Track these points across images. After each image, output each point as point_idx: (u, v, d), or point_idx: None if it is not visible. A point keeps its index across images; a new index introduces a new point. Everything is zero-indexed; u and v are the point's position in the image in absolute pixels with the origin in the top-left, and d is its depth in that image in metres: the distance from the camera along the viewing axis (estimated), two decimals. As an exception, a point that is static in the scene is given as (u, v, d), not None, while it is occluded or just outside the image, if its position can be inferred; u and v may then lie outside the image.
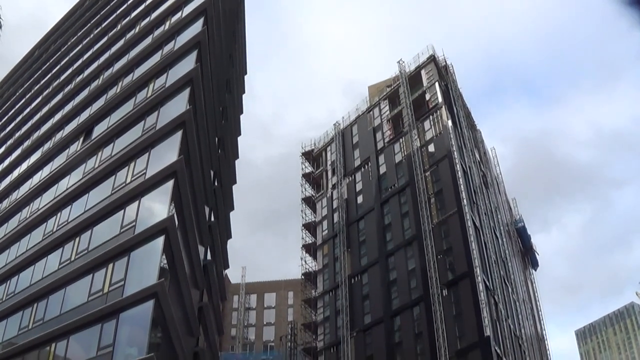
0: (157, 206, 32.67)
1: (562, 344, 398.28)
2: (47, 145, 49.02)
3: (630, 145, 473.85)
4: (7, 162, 55.33)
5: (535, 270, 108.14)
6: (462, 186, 63.56)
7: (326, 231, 79.66)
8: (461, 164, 66.53)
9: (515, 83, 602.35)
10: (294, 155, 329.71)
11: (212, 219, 48.38)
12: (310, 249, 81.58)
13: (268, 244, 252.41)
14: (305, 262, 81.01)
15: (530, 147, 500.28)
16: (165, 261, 31.10)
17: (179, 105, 36.64)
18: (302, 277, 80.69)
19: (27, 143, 53.72)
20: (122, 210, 33.88)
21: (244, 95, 72.55)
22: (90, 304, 30.68)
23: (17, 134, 57.70)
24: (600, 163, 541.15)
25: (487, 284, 59.01)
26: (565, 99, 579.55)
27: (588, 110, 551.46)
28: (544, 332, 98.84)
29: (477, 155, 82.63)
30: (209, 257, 46.61)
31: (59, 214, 39.72)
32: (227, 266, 59.17)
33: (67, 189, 40.59)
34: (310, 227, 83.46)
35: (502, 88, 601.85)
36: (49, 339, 31.69)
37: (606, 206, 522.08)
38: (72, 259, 34.99)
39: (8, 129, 61.82)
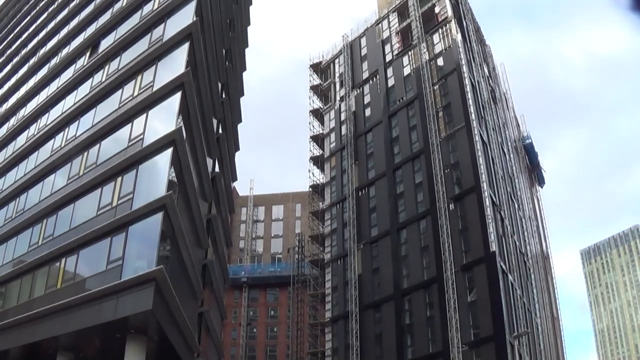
0: (164, 119, 32.53)
1: (564, 264, 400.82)
2: (54, 61, 48.50)
3: (624, 73, 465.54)
4: (13, 79, 54.87)
5: (542, 187, 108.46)
6: (470, 100, 63.16)
7: (334, 143, 79.65)
8: (470, 78, 65.92)
9: (512, 6, 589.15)
10: (291, 74, 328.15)
11: (220, 131, 48.45)
12: (318, 161, 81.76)
13: (271, 158, 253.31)
14: (313, 174, 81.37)
15: (524, 72, 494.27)
16: (173, 174, 31.27)
17: (185, 17, 36.14)
18: (310, 189, 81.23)
19: (33, 60, 53.21)
20: (130, 124, 33.79)
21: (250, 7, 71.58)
22: (99, 218, 30.98)
23: (24, 51, 56.98)
24: (595, 91, 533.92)
25: (494, 199, 59.30)
26: (561, 24, 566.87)
27: (583, 37, 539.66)
28: (549, 250, 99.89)
29: (485, 70, 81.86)
30: (217, 169, 46.94)
31: (66, 130, 39.66)
32: (235, 178, 59.63)
33: (74, 104, 40.41)
34: (318, 140, 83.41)
35: (499, 11, 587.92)
36: (59, 255, 32.20)
37: (602, 133, 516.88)
38: (81, 173, 35.16)
39: (14, 46, 61.05)
